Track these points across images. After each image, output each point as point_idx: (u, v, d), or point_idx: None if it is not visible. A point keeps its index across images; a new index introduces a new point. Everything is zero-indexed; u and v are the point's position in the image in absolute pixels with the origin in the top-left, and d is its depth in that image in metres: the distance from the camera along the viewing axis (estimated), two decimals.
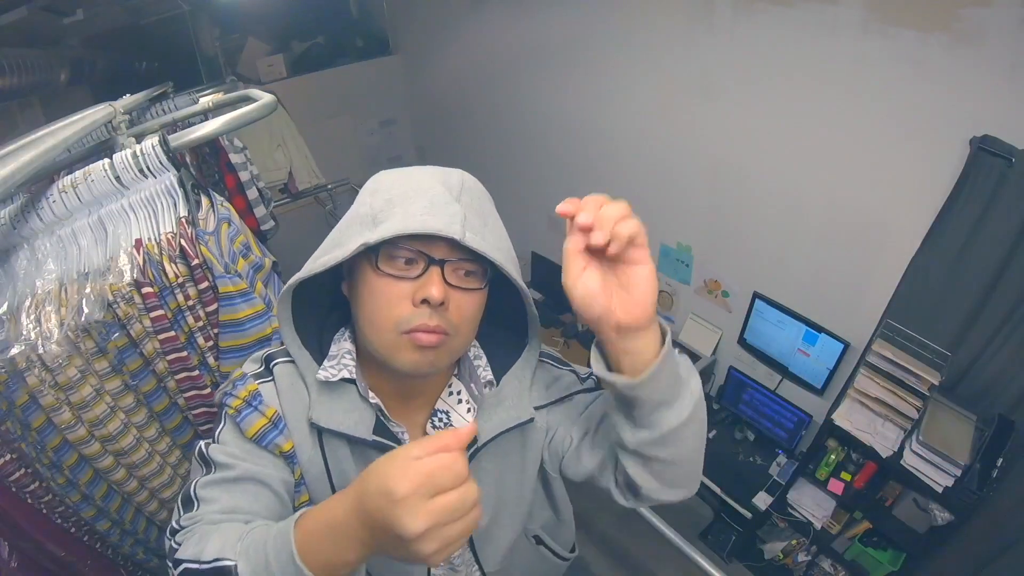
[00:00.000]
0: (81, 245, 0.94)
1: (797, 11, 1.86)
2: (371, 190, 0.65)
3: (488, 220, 0.64)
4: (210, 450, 0.65)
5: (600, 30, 2.51)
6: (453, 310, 0.61)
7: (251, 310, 1.01)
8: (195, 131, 1.01)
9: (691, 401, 0.60)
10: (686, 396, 0.60)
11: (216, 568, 0.52)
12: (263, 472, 0.65)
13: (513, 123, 3.25)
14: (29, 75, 1.65)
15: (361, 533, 0.48)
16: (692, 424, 0.61)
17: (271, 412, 0.67)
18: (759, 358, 2.52)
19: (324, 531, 0.50)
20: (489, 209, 0.66)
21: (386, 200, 0.61)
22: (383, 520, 0.44)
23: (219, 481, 0.63)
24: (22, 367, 0.89)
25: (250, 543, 0.53)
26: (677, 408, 0.59)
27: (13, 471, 0.92)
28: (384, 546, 0.47)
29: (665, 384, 0.57)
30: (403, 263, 0.61)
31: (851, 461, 2.09)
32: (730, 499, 2.42)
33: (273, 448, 0.67)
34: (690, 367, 0.63)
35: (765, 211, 2.24)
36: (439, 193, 0.61)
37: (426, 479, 0.44)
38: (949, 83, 1.60)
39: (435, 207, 0.59)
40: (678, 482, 0.67)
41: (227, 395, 0.68)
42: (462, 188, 0.63)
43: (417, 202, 0.59)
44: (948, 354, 1.77)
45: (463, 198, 0.62)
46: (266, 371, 0.71)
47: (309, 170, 3.35)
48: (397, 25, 3.83)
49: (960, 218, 1.68)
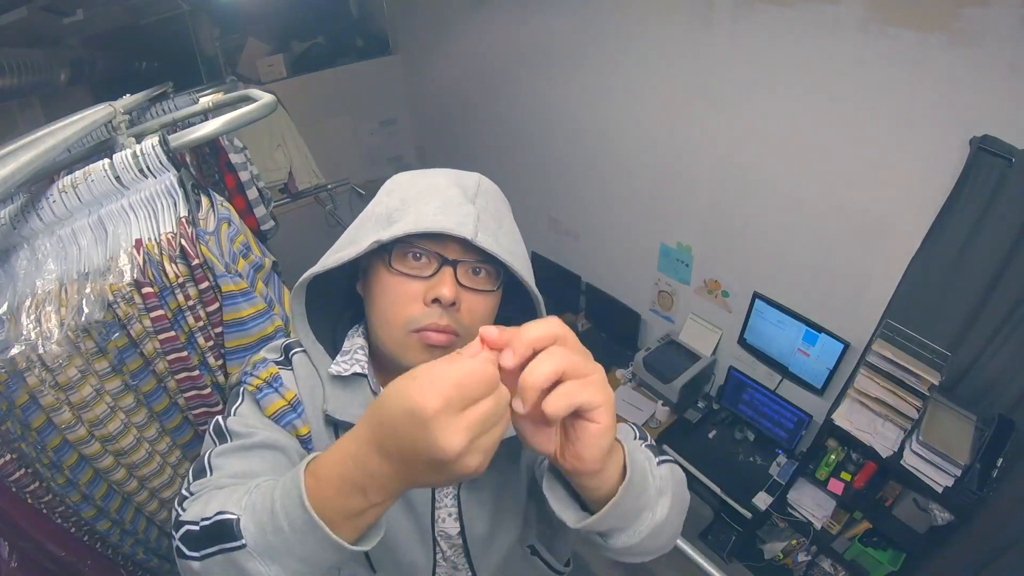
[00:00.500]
0: (81, 245, 0.94)
1: (797, 11, 1.85)
2: (388, 190, 0.66)
3: (503, 223, 0.64)
4: (228, 422, 0.64)
5: (600, 30, 2.51)
6: (464, 311, 0.61)
7: (253, 309, 1.01)
8: (195, 131, 1.01)
9: (650, 524, 0.54)
10: (645, 520, 0.54)
11: (216, 523, 0.48)
12: (282, 441, 0.64)
13: (513, 123, 3.25)
14: (29, 75, 1.65)
15: (384, 468, 0.43)
16: (649, 542, 0.56)
17: (290, 396, 0.67)
18: (759, 358, 2.52)
19: (339, 472, 0.45)
20: (505, 212, 0.66)
21: (401, 200, 0.62)
22: (412, 445, 0.40)
23: (236, 448, 0.61)
24: (22, 367, 0.89)
25: (256, 496, 0.49)
26: (629, 532, 0.54)
27: (13, 471, 0.92)
28: (415, 475, 0.43)
29: (622, 514, 0.52)
30: (416, 262, 0.61)
31: (851, 461, 2.09)
32: (730, 499, 2.42)
33: (291, 429, 0.67)
34: (666, 478, 0.58)
35: (765, 211, 2.24)
36: (454, 194, 0.61)
37: (456, 390, 0.39)
38: (949, 83, 1.60)
39: (449, 207, 0.59)
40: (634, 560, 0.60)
41: (247, 375, 0.69)
42: (478, 190, 0.64)
43: (431, 202, 0.60)
44: (948, 354, 1.77)
45: (478, 200, 0.62)
46: (285, 359, 0.71)
47: (309, 170, 3.35)
48: (397, 25, 3.83)
49: (960, 218, 1.67)
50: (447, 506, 0.74)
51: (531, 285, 0.62)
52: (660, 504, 0.56)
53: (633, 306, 2.99)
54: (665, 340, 2.82)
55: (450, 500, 0.74)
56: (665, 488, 0.58)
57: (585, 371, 0.43)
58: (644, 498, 0.54)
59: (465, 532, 0.74)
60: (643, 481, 0.54)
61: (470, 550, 0.77)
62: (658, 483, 0.57)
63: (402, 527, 0.73)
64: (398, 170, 0.70)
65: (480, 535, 0.75)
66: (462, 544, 0.76)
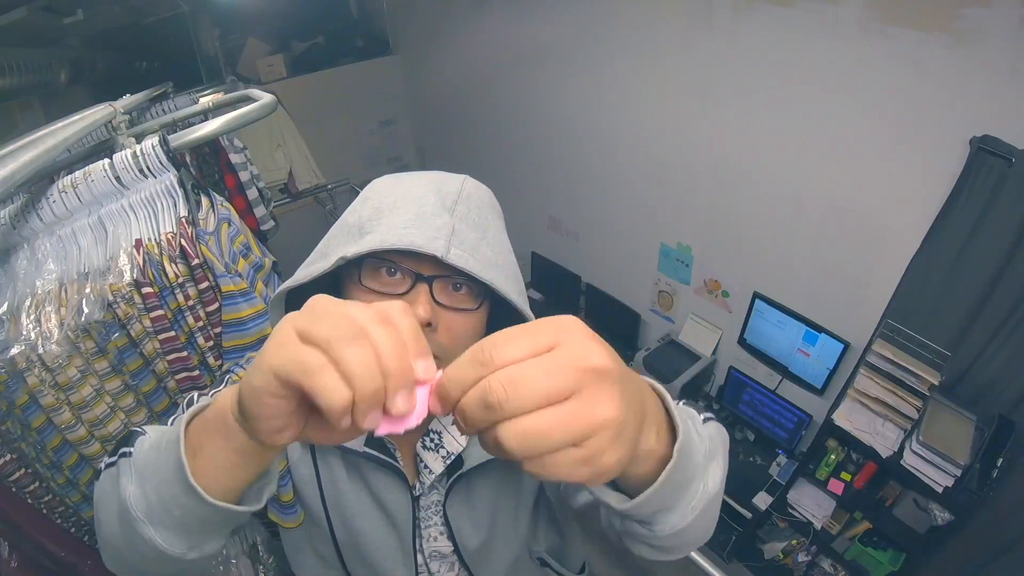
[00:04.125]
0: (81, 245, 0.94)
1: (797, 11, 1.85)
2: (364, 197, 0.62)
3: (488, 233, 0.59)
4: (200, 398, 0.61)
5: (600, 30, 2.51)
6: (443, 331, 0.56)
7: (252, 310, 1.01)
8: (195, 131, 1.01)
9: (703, 497, 0.46)
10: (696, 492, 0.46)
11: (128, 434, 0.49)
12: None
13: (513, 123, 3.25)
14: (29, 75, 1.65)
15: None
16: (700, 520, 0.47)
17: None
18: (759, 358, 2.52)
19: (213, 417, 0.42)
20: (491, 219, 0.61)
21: (375, 209, 0.57)
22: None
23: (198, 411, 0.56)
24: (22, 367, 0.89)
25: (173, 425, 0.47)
26: (681, 511, 0.46)
27: (13, 471, 0.92)
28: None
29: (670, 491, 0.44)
30: (391, 278, 0.56)
31: (851, 461, 2.09)
32: (730, 499, 2.42)
33: None
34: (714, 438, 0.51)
35: (765, 211, 2.24)
36: (429, 203, 0.56)
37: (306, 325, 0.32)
38: (949, 83, 1.60)
39: (421, 220, 0.54)
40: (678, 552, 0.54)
41: (237, 365, 0.68)
42: (459, 197, 0.59)
43: (403, 214, 0.55)
44: (948, 354, 1.77)
45: (458, 208, 0.57)
46: None
47: (309, 170, 3.35)
48: (397, 25, 3.83)
49: (960, 218, 1.67)
50: (436, 524, 0.72)
51: (517, 301, 0.56)
52: (711, 471, 0.48)
53: (633, 306, 2.99)
54: (665, 340, 2.82)
55: (438, 518, 0.72)
56: (716, 451, 0.50)
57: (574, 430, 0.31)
58: (692, 467, 0.45)
59: (459, 549, 0.73)
60: (690, 445, 0.44)
61: (470, 566, 0.75)
62: (707, 444, 0.48)
63: (382, 543, 0.71)
64: (398, 170, 0.67)
65: (476, 549, 0.73)
66: (459, 560, 0.74)
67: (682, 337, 2.78)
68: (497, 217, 0.64)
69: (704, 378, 2.75)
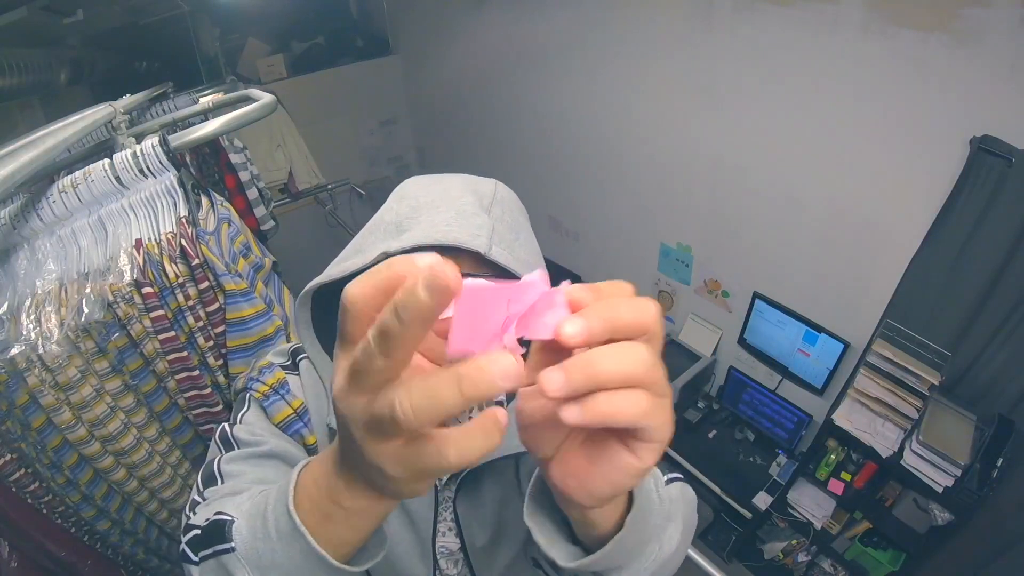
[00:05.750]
0: (81, 245, 0.94)
1: (797, 11, 1.86)
2: (399, 195, 0.62)
3: (520, 234, 0.60)
4: (234, 430, 0.62)
5: (600, 30, 2.51)
6: None
7: (253, 309, 1.01)
8: (195, 131, 1.01)
9: (657, 559, 0.46)
10: (651, 554, 0.46)
11: (213, 523, 0.45)
12: (292, 452, 0.61)
13: (513, 123, 3.25)
14: (29, 75, 1.65)
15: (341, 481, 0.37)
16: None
17: (297, 403, 0.66)
18: (759, 358, 2.52)
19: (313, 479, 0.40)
20: (523, 223, 0.63)
21: (412, 207, 0.58)
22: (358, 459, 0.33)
23: (246, 456, 0.58)
24: (22, 367, 0.89)
25: (257, 500, 0.45)
26: (633, 570, 0.45)
27: (13, 471, 0.92)
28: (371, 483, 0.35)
29: (624, 550, 0.43)
30: None
31: (851, 461, 2.09)
32: (730, 499, 2.42)
33: (298, 439, 0.64)
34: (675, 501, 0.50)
35: (765, 211, 2.24)
36: (468, 203, 0.58)
37: None
38: (949, 83, 1.60)
39: (462, 217, 0.56)
40: None
41: (253, 380, 0.67)
42: (494, 199, 0.61)
43: (444, 212, 0.56)
44: (948, 354, 1.77)
45: (494, 209, 0.59)
46: (292, 364, 0.69)
47: (309, 170, 3.35)
48: (397, 25, 3.83)
49: (960, 218, 1.68)
50: (446, 520, 0.72)
51: None
52: (668, 533, 0.48)
53: None
54: (665, 340, 2.81)
55: (448, 514, 0.72)
56: (674, 513, 0.49)
57: (663, 389, 0.32)
58: (648, 528, 0.45)
59: (466, 546, 0.72)
60: (648, 506, 0.44)
61: (473, 564, 0.74)
62: (666, 507, 0.48)
63: (402, 541, 0.71)
64: (398, 170, 0.67)
65: (482, 548, 0.73)
66: (464, 559, 0.74)
67: (682, 337, 2.78)
68: (527, 221, 0.65)
69: (704, 378, 2.75)
